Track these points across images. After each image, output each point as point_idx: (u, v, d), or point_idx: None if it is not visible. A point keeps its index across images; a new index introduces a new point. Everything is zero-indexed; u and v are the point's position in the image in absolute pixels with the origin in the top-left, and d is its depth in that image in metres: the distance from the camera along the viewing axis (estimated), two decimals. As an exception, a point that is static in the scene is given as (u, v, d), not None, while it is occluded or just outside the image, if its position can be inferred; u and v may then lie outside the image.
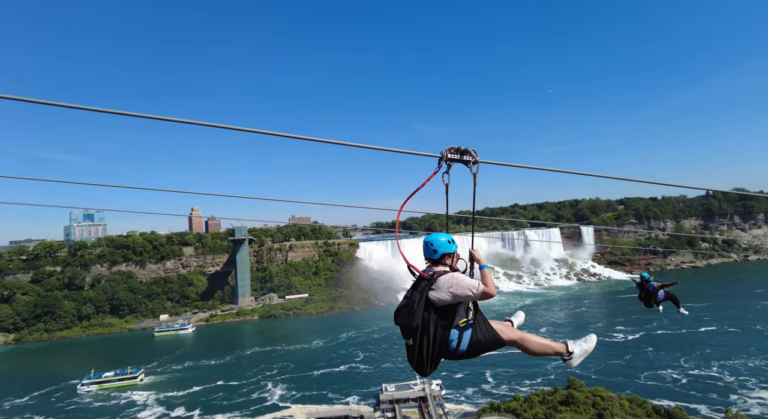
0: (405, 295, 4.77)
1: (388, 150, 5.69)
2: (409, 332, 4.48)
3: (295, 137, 5.41)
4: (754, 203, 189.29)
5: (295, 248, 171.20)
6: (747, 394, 61.77)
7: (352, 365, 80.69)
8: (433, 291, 4.51)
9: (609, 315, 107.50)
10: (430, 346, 4.46)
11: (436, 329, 4.47)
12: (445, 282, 4.54)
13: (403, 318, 4.54)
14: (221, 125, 5.13)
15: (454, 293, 4.48)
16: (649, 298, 17.16)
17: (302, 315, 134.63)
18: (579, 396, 58.26)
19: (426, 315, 4.46)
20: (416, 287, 4.69)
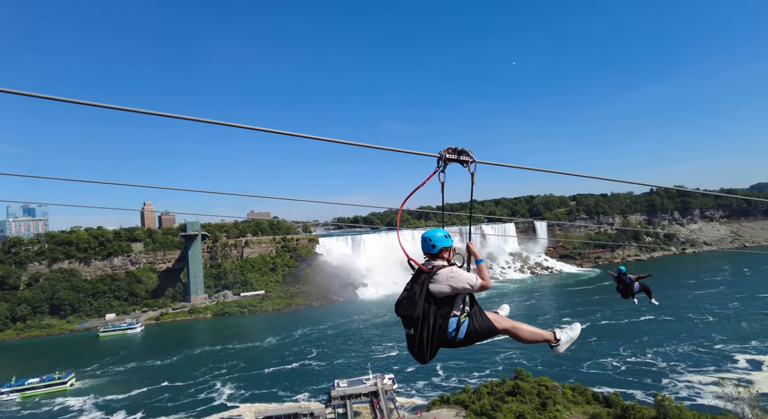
0: (405, 288, 4.96)
1: (387, 149, 5.87)
2: (410, 322, 4.71)
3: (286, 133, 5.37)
4: (692, 200, 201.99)
5: (252, 244, 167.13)
6: (677, 378, 65.68)
7: (305, 362, 79.69)
8: (433, 284, 4.74)
9: (558, 307, 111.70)
10: (431, 335, 4.70)
11: (435, 319, 4.70)
12: (444, 275, 4.77)
13: (405, 309, 4.76)
14: (180, 116, 4.96)
15: (452, 286, 4.71)
16: (626, 290, 18.00)
17: (258, 312, 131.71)
18: (525, 386, 60.18)
19: (426, 306, 4.68)
20: (416, 279, 4.89)
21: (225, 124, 5.22)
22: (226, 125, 5.22)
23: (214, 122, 5.21)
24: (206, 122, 5.15)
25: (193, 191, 12.09)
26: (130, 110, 4.74)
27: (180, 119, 5.33)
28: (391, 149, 5.88)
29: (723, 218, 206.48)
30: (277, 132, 5.41)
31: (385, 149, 5.91)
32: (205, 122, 5.13)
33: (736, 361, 69.02)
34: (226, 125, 5.22)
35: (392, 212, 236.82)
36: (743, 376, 64.77)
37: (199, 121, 5.10)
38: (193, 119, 5.10)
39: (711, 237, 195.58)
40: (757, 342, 73.65)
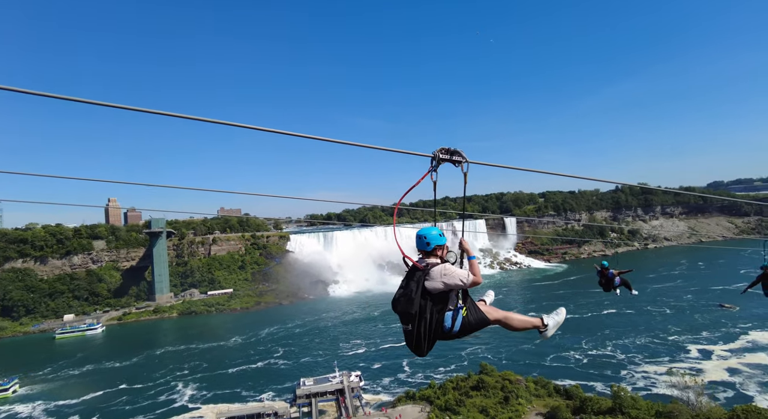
0: (400, 285, 5.09)
1: (381, 149, 5.94)
2: (408, 318, 4.87)
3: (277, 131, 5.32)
4: (654, 197, 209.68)
5: (220, 241, 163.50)
6: (634, 369, 67.85)
7: (271, 361, 78.33)
8: (428, 281, 4.90)
9: (524, 302, 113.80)
10: (427, 329, 4.87)
11: (431, 314, 4.87)
12: (438, 272, 4.94)
13: (403, 306, 4.88)
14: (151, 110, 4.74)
15: (446, 283, 4.89)
16: (608, 284, 18.79)
17: (225, 311, 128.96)
18: (489, 381, 60.92)
19: (422, 302, 4.85)
20: (411, 277, 5.02)
21: (196, 118, 5.00)
22: (197, 119, 5.02)
23: (187, 117, 4.95)
24: (175, 116, 4.88)
25: (161, 186, 11.32)
26: (96, 103, 4.49)
27: (151, 114, 4.82)
28: (386, 149, 5.98)
29: (682, 214, 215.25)
30: (261, 129, 5.25)
31: (380, 148, 5.98)
32: (177, 117, 4.90)
33: (689, 351, 71.90)
34: (198, 119, 5.02)
35: (366, 209, 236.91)
36: (694, 365, 67.62)
37: (171, 115, 4.87)
38: (166, 113, 4.87)
39: (671, 233, 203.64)
40: (708, 332, 77.00)
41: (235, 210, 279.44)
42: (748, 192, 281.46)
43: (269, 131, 5.26)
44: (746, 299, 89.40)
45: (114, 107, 4.51)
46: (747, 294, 69.71)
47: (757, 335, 75.09)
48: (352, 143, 5.79)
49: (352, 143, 5.79)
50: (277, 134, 5.36)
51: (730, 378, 63.38)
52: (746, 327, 77.81)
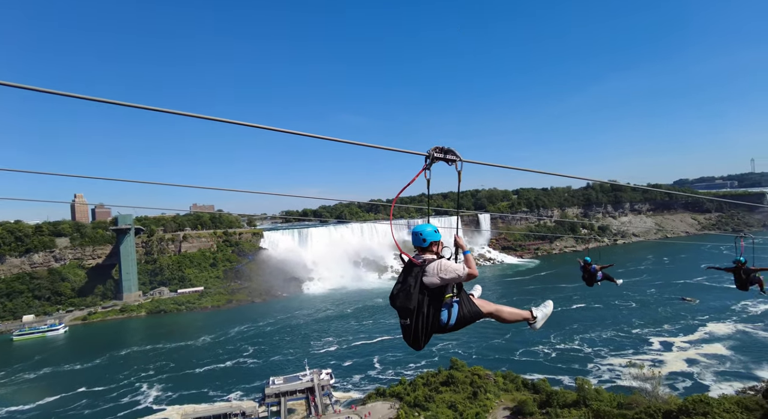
0: (398, 280, 5.20)
1: (376, 147, 5.99)
2: (406, 313, 4.99)
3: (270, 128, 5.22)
4: (623, 194, 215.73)
5: (190, 238, 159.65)
6: (600, 362, 69.50)
7: (239, 360, 76.84)
8: (425, 276, 4.98)
9: (497, 297, 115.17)
10: (425, 324, 5.00)
11: (428, 308, 4.98)
12: (434, 268, 5.02)
13: (401, 301, 5.01)
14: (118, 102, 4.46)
15: (443, 277, 4.97)
16: (591, 278, 19.49)
17: (196, 310, 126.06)
18: (459, 376, 61.26)
19: (420, 297, 4.95)
20: (409, 272, 5.10)
21: (174, 112, 4.78)
22: (174, 113, 4.78)
23: (161, 110, 4.70)
24: (145, 108, 4.60)
25: (129, 181, 10.48)
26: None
27: (124, 107, 4.52)
28: (381, 147, 6.04)
29: (649, 211, 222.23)
30: (240, 123, 5.08)
31: (374, 146, 5.99)
32: (147, 110, 4.68)
33: (651, 344, 74.16)
34: (176, 113, 4.79)
35: (343, 206, 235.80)
36: (656, 357, 69.78)
37: (143, 108, 4.59)
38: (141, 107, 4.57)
39: (639, 229, 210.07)
40: (669, 325, 79.66)
41: (208, 207, 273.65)
42: (710, 190, 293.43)
43: (255, 127, 5.12)
44: (705, 292, 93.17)
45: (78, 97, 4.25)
46: (705, 288, 72.65)
47: (714, 326, 78.03)
48: (349, 142, 5.80)
49: (349, 142, 5.80)
50: (258, 130, 4.91)
51: (689, 368, 65.63)
52: (704, 319, 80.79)
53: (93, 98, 4.32)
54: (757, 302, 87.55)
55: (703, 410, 24.91)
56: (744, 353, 68.39)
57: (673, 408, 28.39)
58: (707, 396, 31.07)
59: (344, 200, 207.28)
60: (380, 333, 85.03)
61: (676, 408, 27.53)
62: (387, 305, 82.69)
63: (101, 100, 4.39)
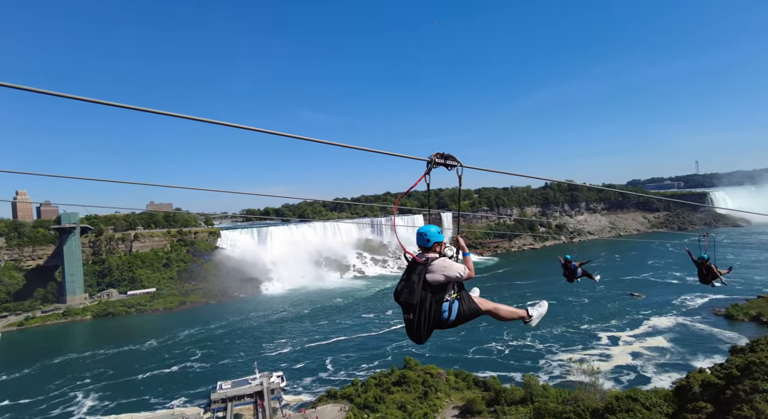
0: (402, 278, 5.44)
1: (378, 152, 6.25)
2: (409, 308, 5.21)
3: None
4: (579, 194, 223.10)
5: (142, 237, 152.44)
6: (551, 358, 70.67)
7: (186, 364, 73.35)
8: (429, 273, 5.23)
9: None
10: (427, 319, 5.22)
11: (431, 304, 5.22)
12: (438, 266, 5.27)
13: (405, 297, 5.22)
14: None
15: (446, 275, 5.23)
16: (571, 275, 20.22)
17: (147, 312, 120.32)
18: (411, 375, 60.67)
19: (423, 293, 5.18)
20: (413, 270, 5.32)
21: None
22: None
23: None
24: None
25: (78, 178, 8.87)
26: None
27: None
28: (383, 152, 6.21)
29: (604, 210, 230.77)
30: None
31: (377, 151, 6.20)
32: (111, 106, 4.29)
33: (600, 339, 76.23)
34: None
35: (306, 204, 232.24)
36: (604, 351, 71.73)
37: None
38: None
39: (594, 227, 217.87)
40: (616, 320, 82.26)
41: (166, 205, 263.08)
42: (660, 190, 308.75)
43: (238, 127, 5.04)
44: (650, 288, 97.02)
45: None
46: (651, 283, 74.71)
47: (657, 320, 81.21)
48: (352, 146, 5.92)
49: (352, 146, 5.92)
50: (225, 128, 3.99)
51: (633, 361, 67.74)
52: (648, 314, 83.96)
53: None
54: (694, 297, 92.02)
55: (628, 407, 25.14)
56: (683, 345, 71.39)
57: (601, 406, 28.63)
58: (637, 391, 31.62)
59: (309, 198, 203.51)
60: (335, 334, 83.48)
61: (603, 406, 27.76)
62: (345, 306, 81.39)
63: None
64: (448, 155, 5.37)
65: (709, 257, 18.62)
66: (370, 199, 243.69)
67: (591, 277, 21.51)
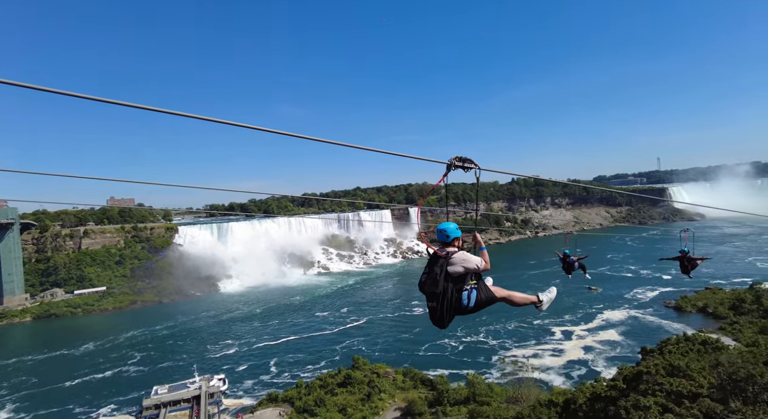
0: (424, 271, 6.04)
1: (400, 155, 6.68)
2: (433, 297, 5.79)
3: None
4: (544, 189, 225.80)
5: (93, 233, 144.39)
6: (504, 354, 69.55)
7: (122, 368, 68.62)
8: (450, 266, 5.82)
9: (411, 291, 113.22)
10: (449, 306, 5.81)
11: (452, 293, 5.80)
12: (458, 258, 5.90)
13: (429, 287, 5.83)
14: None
15: (465, 267, 5.86)
16: (569, 268, 21.84)
17: (94, 312, 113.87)
18: (358, 376, 58.28)
19: (445, 283, 5.77)
20: (435, 263, 5.95)
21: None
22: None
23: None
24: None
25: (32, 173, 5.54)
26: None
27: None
28: (404, 155, 6.79)
29: (568, 204, 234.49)
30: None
31: (398, 154, 6.65)
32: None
33: (553, 333, 75.77)
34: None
35: (273, 200, 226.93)
36: (557, 346, 71.18)
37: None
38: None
39: (558, 221, 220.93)
40: (571, 314, 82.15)
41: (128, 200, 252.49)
42: (624, 186, 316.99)
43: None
44: (606, 281, 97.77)
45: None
46: (606, 277, 74.58)
47: (610, 314, 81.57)
48: (357, 147, 6.34)
49: (357, 147, 6.34)
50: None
51: (585, 355, 67.40)
52: (601, 308, 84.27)
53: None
54: (646, 290, 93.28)
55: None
56: (633, 337, 71.66)
57: (511, 415, 26.90)
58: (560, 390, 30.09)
59: (278, 194, 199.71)
60: (285, 334, 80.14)
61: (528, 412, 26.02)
62: (302, 304, 77.68)
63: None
64: (466, 158, 5.79)
65: (689, 250, 20.80)
66: (339, 194, 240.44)
67: (585, 271, 23.06)
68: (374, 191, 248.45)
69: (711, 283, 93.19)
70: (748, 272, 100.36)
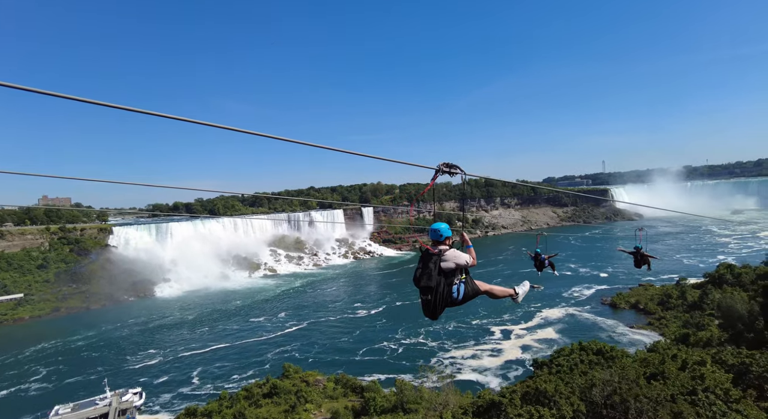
0: (418, 266, 6.64)
1: (391, 161, 7.49)
2: (427, 291, 6.42)
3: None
4: (494, 189, 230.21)
5: (10, 235, 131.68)
6: (443, 355, 68.22)
7: (21, 387, 61.17)
8: (443, 262, 6.47)
9: (357, 292, 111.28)
10: (441, 299, 6.48)
11: (443, 287, 6.46)
12: (450, 255, 6.58)
13: (425, 281, 6.41)
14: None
15: (456, 263, 6.55)
16: (540, 265, 23.71)
17: (7, 323, 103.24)
18: (285, 385, 54.69)
19: (438, 278, 6.41)
20: (429, 259, 6.52)
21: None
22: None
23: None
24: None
25: None
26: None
27: None
28: (394, 161, 7.61)
29: (517, 205, 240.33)
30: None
31: (388, 160, 7.44)
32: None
33: (493, 333, 75.40)
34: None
35: (220, 200, 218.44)
36: (496, 346, 70.68)
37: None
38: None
39: (507, 221, 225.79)
40: (511, 313, 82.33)
41: (64, 199, 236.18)
42: (571, 186, 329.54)
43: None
44: (546, 280, 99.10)
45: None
46: (548, 276, 73.25)
47: (549, 312, 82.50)
48: (351, 152, 6.93)
49: (351, 152, 6.93)
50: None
51: (522, 355, 67.16)
52: (540, 306, 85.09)
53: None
54: (584, 288, 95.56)
55: None
56: (569, 335, 72.36)
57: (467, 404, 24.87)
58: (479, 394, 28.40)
59: (228, 193, 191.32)
60: (216, 341, 75.05)
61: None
62: (239, 308, 72.49)
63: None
64: (452, 164, 6.66)
65: (642, 247, 23.82)
66: (292, 193, 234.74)
67: (553, 268, 25.04)
68: (328, 190, 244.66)
69: (644, 280, 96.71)
70: (676, 269, 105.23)
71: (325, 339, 74.05)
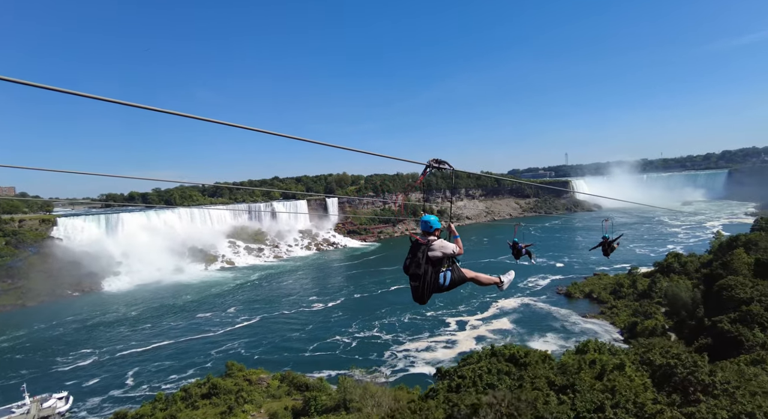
0: (408, 256, 7.13)
1: (385, 156, 7.87)
2: (416, 278, 6.85)
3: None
4: (459, 181, 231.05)
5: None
6: (396, 349, 66.68)
7: (-71, 395, 55.74)
8: (431, 251, 6.88)
9: (315, 285, 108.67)
10: (429, 285, 6.90)
11: (431, 274, 6.88)
12: (437, 245, 7.02)
13: (413, 269, 6.89)
14: None
15: (443, 252, 6.97)
16: (518, 253, 25.21)
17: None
18: (227, 384, 51.70)
19: (426, 266, 6.84)
20: (417, 249, 7.00)
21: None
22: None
23: None
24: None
25: None
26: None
27: None
28: (386, 156, 7.96)
29: (482, 196, 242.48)
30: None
31: (380, 155, 7.67)
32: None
33: (448, 325, 74.50)
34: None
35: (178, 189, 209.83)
36: (450, 338, 69.77)
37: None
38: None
39: (472, 212, 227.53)
40: (466, 304, 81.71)
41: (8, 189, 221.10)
42: (534, 178, 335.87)
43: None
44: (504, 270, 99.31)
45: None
46: (507, 266, 74.72)
47: (504, 302, 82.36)
48: (349, 148, 7.18)
49: (349, 148, 7.18)
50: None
51: (476, 346, 66.24)
52: (495, 296, 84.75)
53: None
54: (539, 279, 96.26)
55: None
56: (524, 325, 72.43)
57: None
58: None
59: (188, 183, 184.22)
60: (157, 339, 70.64)
61: None
62: (188, 303, 67.95)
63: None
64: (442, 160, 7.07)
65: (609, 236, 25.25)
66: (255, 183, 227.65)
67: (531, 256, 25.91)
68: (293, 180, 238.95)
69: (597, 269, 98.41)
70: (629, 259, 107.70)
71: (275, 334, 71.19)
